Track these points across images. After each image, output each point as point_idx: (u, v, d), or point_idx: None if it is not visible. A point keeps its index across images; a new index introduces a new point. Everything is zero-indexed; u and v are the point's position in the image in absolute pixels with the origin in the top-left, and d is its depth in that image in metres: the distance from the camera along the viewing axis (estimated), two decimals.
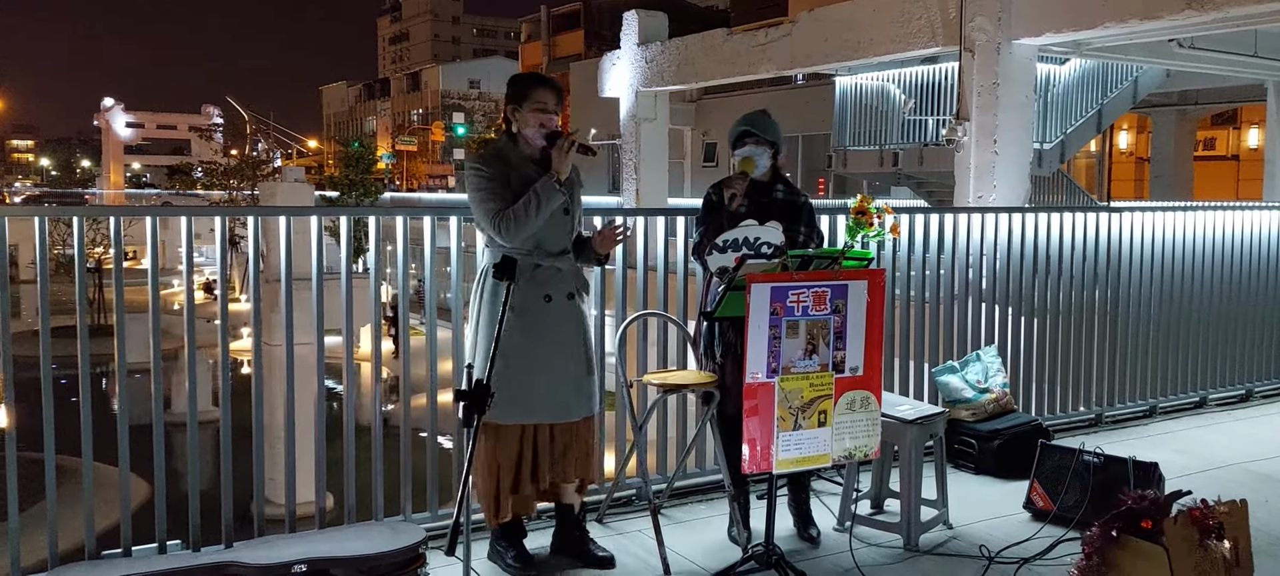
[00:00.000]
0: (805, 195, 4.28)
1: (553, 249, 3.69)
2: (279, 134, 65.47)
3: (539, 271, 3.66)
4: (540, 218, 3.56)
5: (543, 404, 3.65)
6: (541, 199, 3.54)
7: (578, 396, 3.73)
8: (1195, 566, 2.73)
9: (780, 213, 4.09)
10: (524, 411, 3.63)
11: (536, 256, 3.65)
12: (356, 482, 4.11)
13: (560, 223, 3.70)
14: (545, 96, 3.66)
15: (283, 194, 20.68)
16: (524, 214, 3.54)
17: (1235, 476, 5.24)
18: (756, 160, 4.08)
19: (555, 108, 3.67)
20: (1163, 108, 22.39)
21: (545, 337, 3.65)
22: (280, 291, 4.03)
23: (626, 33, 18.28)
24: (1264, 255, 7.05)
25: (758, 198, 4.07)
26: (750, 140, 4.12)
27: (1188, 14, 10.65)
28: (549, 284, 3.67)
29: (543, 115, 3.64)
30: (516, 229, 3.55)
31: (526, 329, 3.63)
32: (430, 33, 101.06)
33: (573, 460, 3.77)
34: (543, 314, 3.65)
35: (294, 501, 4.10)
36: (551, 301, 3.67)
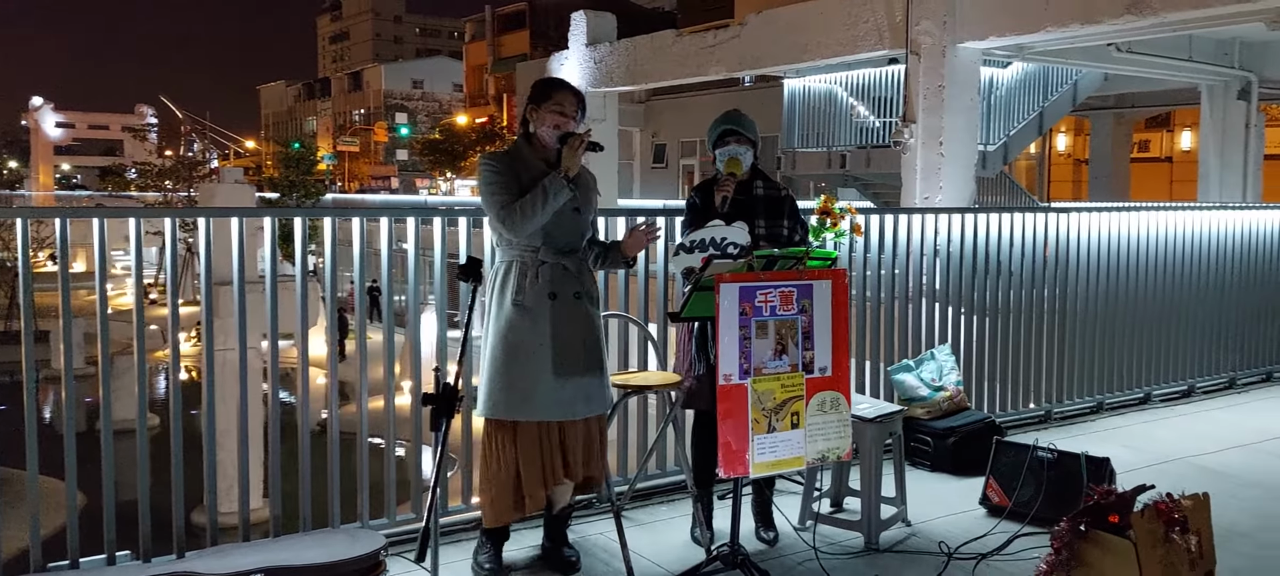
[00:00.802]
0: (787, 189, 4.28)
1: (560, 247, 3.67)
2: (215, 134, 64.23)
3: (545, 269, 3.64)
4: (546, 212, 3.54)
5: (554, 402, 3.63)
6: (548, 193, 3.53)
7: (586, 396, 3.70)
8: (1161, 559, 2.78)
9: (761, 210, 4.10)
10: (535, 409, 3.61)
11: (544, 254, 3.63)
12: (312, 489, 4.03)
13: (570, 222, 3.68)
14: (565, 99, 3.68)
15: (222, 195, 20.27)
16: (530, 208, 3.53)
17: (1181, 470, 5.35)
18: (742, 159, 4.07)
19: (573, 113, 3.68)
20: (1100, 110, 22.90)
21: (552, 336, 3.62)
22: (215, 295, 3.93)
23: (575, 33, 18.24)
24: (1203, 254, 7.23)
25: (738, 196, 4.06)
26: (733, 139, 4.11)
27: (1126, 18, 10.89)
28: (555, 282, 3.65)
29: (560, 116, 3.65)
30: (522, 223, 3.54)
31: (536, 328, 3.61)
32: (371, 32, 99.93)
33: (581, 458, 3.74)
34: (548, 313, 3.63)
35: (248, 508, 4.01)
36: (557, 299, 3.64)
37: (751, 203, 4.13)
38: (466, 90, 64.43)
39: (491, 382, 3.60)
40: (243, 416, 3.99)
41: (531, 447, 3.63)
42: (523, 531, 4.21)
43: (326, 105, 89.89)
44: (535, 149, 3.69)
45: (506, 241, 3.66)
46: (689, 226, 4.10)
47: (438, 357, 3.65)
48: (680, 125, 30.15)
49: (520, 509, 3.67)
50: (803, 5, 14.18)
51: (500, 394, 3.59)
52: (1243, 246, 7.49)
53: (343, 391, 12.72)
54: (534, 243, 3.62)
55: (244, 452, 3.98)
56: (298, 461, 4.06)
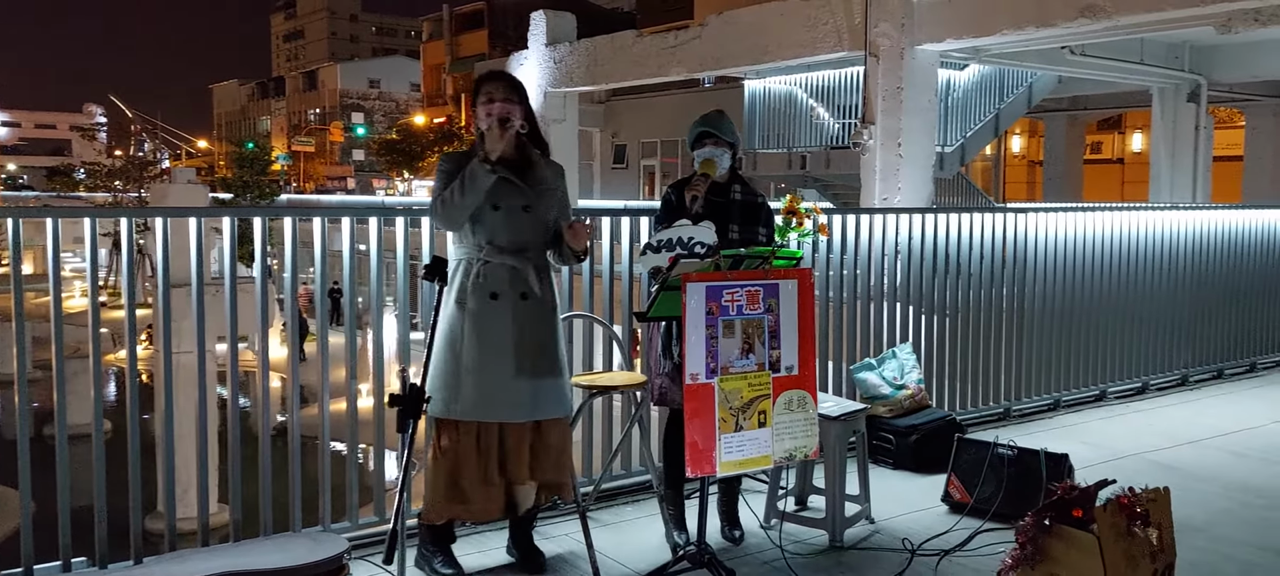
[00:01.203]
0: (762, 195, 4.28)
1: (503, 246, 3.61)
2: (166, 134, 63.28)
3: (487, 268, 3.59)
4: (467, 200, 3.49)
5: (487, 403, 3.58)
6: (467, 180, 3.49)
7: (532, 399, 3.63)
8: (1124, 553, 2.83)
9: (738, 214, 4.10)
10: (469, 408, 3.57)
11: (486, 253, 3.59)
12: (273, 493, 3.98)
13: (518, 220, 3.63)
14: (493, 88, 3.64)
15: (175, 196, 19.94)
16: (450, 198, 3.50)
17: (1136, 466, 5.44)
18: (718, 161, 4.07)
19: (502, 95, 3.62)
20: (1055, 112, 23.27)
21: (490, 337, 3.58)
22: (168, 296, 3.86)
23: (534, 33, 18.19)
24: (1156, 254, 7.36)
25: (715, 198, 4.06)
26: (710, 141, 4.10)
27: (1080, 22, 11.08)
28: (497, 282, 3.59)
29: (487, 105, 3.60)
30: (445, 212, 3.51)
31: (474, 327, 3.57)
32: (327, 30, 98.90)
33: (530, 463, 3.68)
34: (489, 313, 3.58)
35: (207, 513, 3.95)
36: (498, 299, 3.59)
37: (727, 206, 4.13)
38: (424, 90, 64.00)
39: (432, 381, 3.55)
40: (201, 420, 3.92)
41: (468, 448, 3.58)
42: (487, 534, 4.19)
43: (281, 105, 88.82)
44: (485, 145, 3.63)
45: (457, 240, 3.64)
46: (662, 223, 4.09)
47: (402, 359, 3.60)
48: (641, 125, 30.18)
49: (454, 510, 3.63)
50: (763, 7, 14.26)
51: (438, 392, 3.55)
52: (1194, 246, 7.64)
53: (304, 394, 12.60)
54: (479, 240, 3.58)
55: (203, 456, 3.92)
56: (257, 465, 4.00)
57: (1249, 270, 8.12)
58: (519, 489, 3.72)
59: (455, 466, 3.60)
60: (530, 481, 3.72)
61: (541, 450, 3.71)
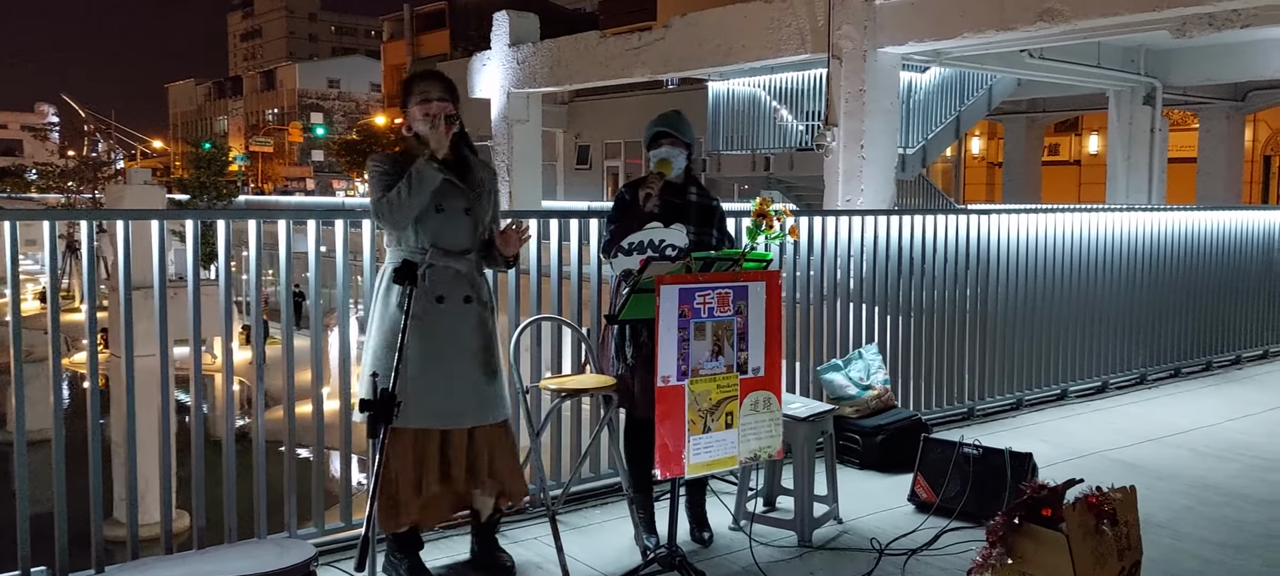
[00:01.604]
0: (717, 199, 4.29)
1: (449, 248, 3.58)
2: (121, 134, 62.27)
3: (433, 272, 3.55)
4: (414, 200, 3.45)
5: (434, 409, 3.54)
6: (415, 178, 3.43)
7: (476, 402, 3.61)
8: (1092, 551, 2.87)
9: (694, 215, 4.09)
10: (413, 415, 3.50)
11: (432, 256, 3.55)
12: (237, 499, 3.92)
13: (459, 222, 3.60)
14: (428, 87, 3.59)
15: (130, 197, 19.64)
16: (396, 199, 3.44)
17: (1097, 464, 5.52)
18: (673, 161, 4.06)
19: (440, 95, 3.57)
20: (1014, 115, 23.57)
21: (437, 341, 3.54)
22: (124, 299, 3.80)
23: (497, 33, 18.10)
24: (1114, 255, 7.47)
25: (671, 199, 4.05)
26: (666, 141, 4.10)
27: (1039, 26, 11.22)
28: (443, 286, 3.56)
29: (424, 104, 3.56)
30: (392, 213, 3.45)
31: (419, 331, 3.51)
32: (285, 29, 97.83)
33: (484, 469, 3.65)
34: (435, 316, 3.54)
35: (170, 520, 3.89)
36: (444, 303, 3.56)
37: (684, 207, 4.13)
38: (385, 90, 63.48)
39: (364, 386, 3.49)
40: (165, 424, 3.86)
41: (405, 455, 3.54)
42: (453, 539, 4.16)
43: (238, 104, 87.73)
44: (421, 144, 3.58)
45: (394, 242, 3.58)
46: (613, 222, 4.09)
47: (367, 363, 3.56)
48: (604, 126, 30.17)
49: (397, 518, 3.57)
50: (726, 9, 14.30)
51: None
52: (1151, 248, 7.76)
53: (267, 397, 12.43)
54: (421, 243, 3.54)
55: (166, 461, 3.85)
56: (220, 470, 3.95)
57: (1204, 271, 8.27)
58: (475, 495, 3.68)
59: (393, 474, 3.54)
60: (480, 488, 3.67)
61: (487, 456, 3.66)
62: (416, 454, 3.57)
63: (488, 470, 3.68)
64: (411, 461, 3.57)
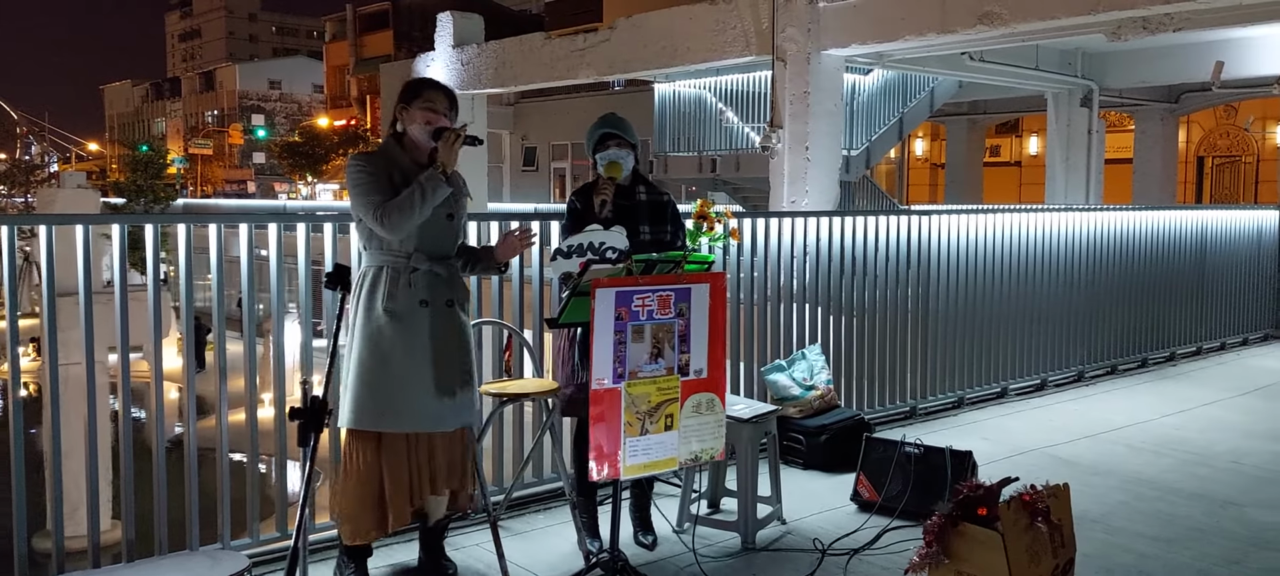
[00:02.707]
0: (667, 194, 4.27)
1: (433, 253, 3.56)
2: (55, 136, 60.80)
3: (417, 276, 3.52)
4: (424, 210, 3.43)
5: (423, 412, 3.52)
6: (426, 190, 3.42)
7: (454, 406, 3.59)
8: (1026, 548, 2.90)
9: (647, 214, 4.07)
10: (404, 420, 3.49)
11: (416, 260, 3.52)
12: (169, 510, 3.82)
13: (442, 227, 3.58)
14: (436, 97, 3.58)
15: (63, 201, 19.13)
16: (408, 205, 3.40)
17: (1036, 461, 5.60)
18: (623, 163, 4.04)
19: (445, 110, 3.57)
20: (955, 117, 23.90)
21: (422, 345, 3.51)
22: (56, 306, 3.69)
23: (441, 34, 17.96)
24: (1052, 255, 7.59)
25: (620, 200, 4.03)
26: (613, 143, 4.07)
27: (979, 29, 11.38)
28: (427, 289, 3.54)
29: (431, 113, 3.54)
30: (399, 221, 3.41)
31: (403, 335, 3.49)
32: (225, 30, 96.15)
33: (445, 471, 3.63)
34: (420, 320, 3.52)
35: (97, 532, 3.77)
36: (428, 307, 3.53)
37: (634, 208, 4.11)
38: (327, 91, 62.68)
39: (358, 392, 3.47)
40: (91, 433, 3.74)
41: (398, 460, 3.51)
42: (397, 546, 4.09)
43: (177, 106, 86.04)
44: (406, 149, 3.58)
45: (376, 246, 3.54)
46: (568, 231, 4.05)
47: (304, 370, 3.49)
48: (551, 128, 30.07)
49: (383, 526, 3.54)
50: (671, 11, 14.31)
51: (368, 404, 3.46)
52: (1087, 247, 7.90)
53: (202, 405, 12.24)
54: (407, 247, 3.51)
55: (93, 471, 3.74)
56: (151, 480, 3.84)
57: (1140, 270, 8.44)
58: (430, 499, 3.65)
59: (381, 480, 3.51)
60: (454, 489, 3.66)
61: (452, 459, 3.65)
62: (410, 458, 3.54)
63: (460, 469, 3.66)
64: (405, 465, 3.53)
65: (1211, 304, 9.31)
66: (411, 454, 3.54)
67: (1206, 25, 12.49)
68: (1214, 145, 25.72)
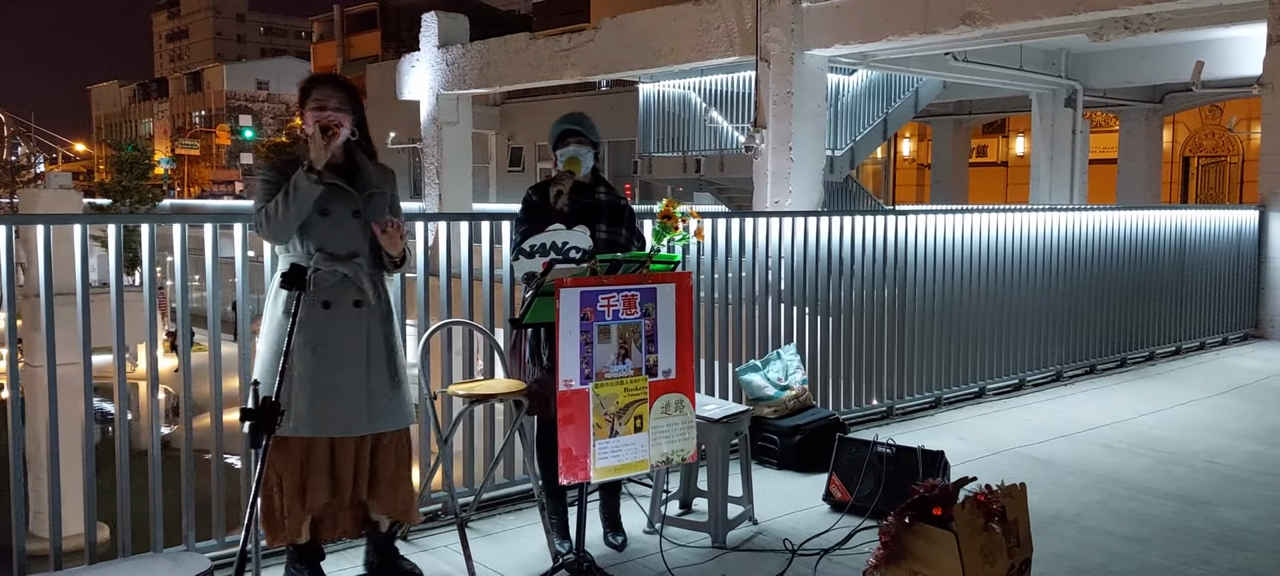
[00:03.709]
0: (625, 199, 4.27)
1: (336, 253, 3.47)
2: (41, 137, 60.53)
3: (319, 276, 3.44)
4: (293, 212, 3.35)
5: (323, 417, 3.43)
6: (291, 193, 3.34)
7: (368, 410, 3.50)
8: (981, 548, 2.89)
9: (604, 215, 4.06)
10: (301, 424, 3.41)
11: (318, 261, 3.44)
12: (134, 511, 3.79)
13: (349, 226, 3.50)
14: (325, 94, 3.49)
15: (46, 202, 19.04)
16: (275, 211, 3.35)
17: (1012, 460, 5.59)
18: (582, 160, 4.03)
19: (337, 104, 3.48)
20: (941, 117, 23.95)
21: (323, 347, 3.43)
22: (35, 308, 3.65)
23: (426, 34, 17.92)
24: (1032, 254, 7.60)
25: (580, 199, 4.02)
26: (574, 139, 4.06)
27: (961, 29, 11.40)
28: (329, 291, 3.45)
29: (318, 111, 3.45)
30: (270, 225, 3.36)
31: (306, 338, 3.41)
32: (212, 30, 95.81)
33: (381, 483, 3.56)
34: (321, 322, 3.44)
35: (60, 535, 3.73)
36: (331, 308, 3.45)
37: (594, 207, 4.10)
38: None
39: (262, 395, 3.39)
40: (52, 436, 3.70)
41: (291, 465, 3.44)
42: (359, 550, 4.06)
43: (164, 106, 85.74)
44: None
45: (286, 247, 3.48)
46: (523, 223, 4.03)
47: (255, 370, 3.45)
48: (537, 128, 30.01)
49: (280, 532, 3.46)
50: (655, 11, 14.31)
51: None
52: (1066, 247, 7.91)
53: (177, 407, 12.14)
54: (307, 248, 3.45)
55: (55, 474, 3.70)
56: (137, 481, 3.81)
57: (1119, 269, 8.45)
58: (371, 506, 3.59)
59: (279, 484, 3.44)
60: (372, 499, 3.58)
61: (377, 469, 3.56)
62: (303, 464, 3.46)
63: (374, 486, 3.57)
64: (297, 471, 3.45)
65: (1191, 304, 9.33)
66: (306, 459, 3.45)
67: (1188, 26, 12.54)
68: (1200, 146, 25.83)
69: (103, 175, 46.61)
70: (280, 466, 3.43)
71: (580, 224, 3.82)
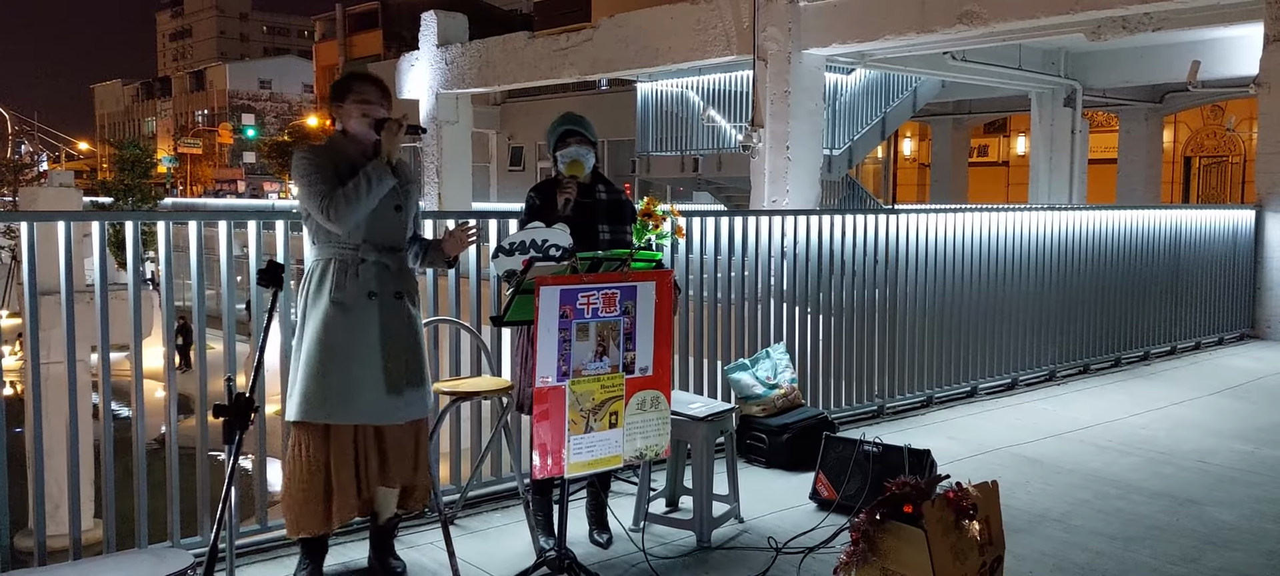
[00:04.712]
0: (625, 194, 4.28)
1: (381, 245, 3.56)
2: (45, 135, 60.63)
3: (365, 267, 3.52)
4: (370, 200, 3.44)
5: (372, 404, 3.51)
6: (372, 179, 3.43)
7: (402, 399, 3.58)
8: (951, 546, 2.89)
9: (607, 213, 4.08)
10: (352, 411, 3.49)
11: (364, 252, 3.52)
12: (124, 508, 3.81)
13: (391, 219, 3.58)
14: (366, 89, 3.59)
15: (46, 200, 19.08)
16: (354, 194, 3.42)
17: (1001, 459, 5.59)
18: (584, 161, 4.05)
19: (379, 99, 3.58)
20: (940, 116, 23.92)
21: (369, 336, 3.51)
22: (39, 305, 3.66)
23: (425, 34, 17.94)
24: (1025, 253, 7.59)
25: (580, 199, 4.04)
26: (574, 140, 4.08)
27: (958, 28, 11.39)
28: (375, 281, 3.54)
29: (365, 105, 3.55)
30: (346, 211, 3.42)
31: (351, 327, 3.48)
32: (215, 29, 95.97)
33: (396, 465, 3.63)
34: (368, 311, 3.51)
35: (44, 532, 3.75)
36: (376, 299, 3.53)
37: (594, 206, 4.11)
38: (317, 91, 62.42)
39: (307, 384, 3.46)
40: (37, 435, 3.71)
41: (345, 452, 3.51)
42: (348, 544, 4.07)
43: (167, 106, 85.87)
44: (351, 143, 3.58)
45: (324, 239, 3.54)
46: (526, 226, 4.04)
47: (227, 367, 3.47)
48: (537, 128, 30.01)
49: (328, 520, 3.53)
50: (653, 10, 14.32)
51: (316, 395, 3.45)
52: (1060, 246, 7.90)
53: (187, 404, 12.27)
54: (354, 239, 3.51)
55: (40, 469, 3.71)
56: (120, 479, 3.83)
57: (1113, 269, 8.44)
58: (379, 494, 3.63)
59: (328, 473, 3.50)
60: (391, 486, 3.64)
61: (402, 453, 3.64)
62: (357, 449, 3.54)
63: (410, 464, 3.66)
64: (351, 457, 3.52)
65: (1186, 303, 9.32)
66: (358, 446, 3.54)
67: (1186, 25, 12.53)
68: (1201, 145, 25.80)
69: (105, 174, 46.66)
70: (327, 454, 3.49)
71: (583, 225, 3.84)
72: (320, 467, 3.50)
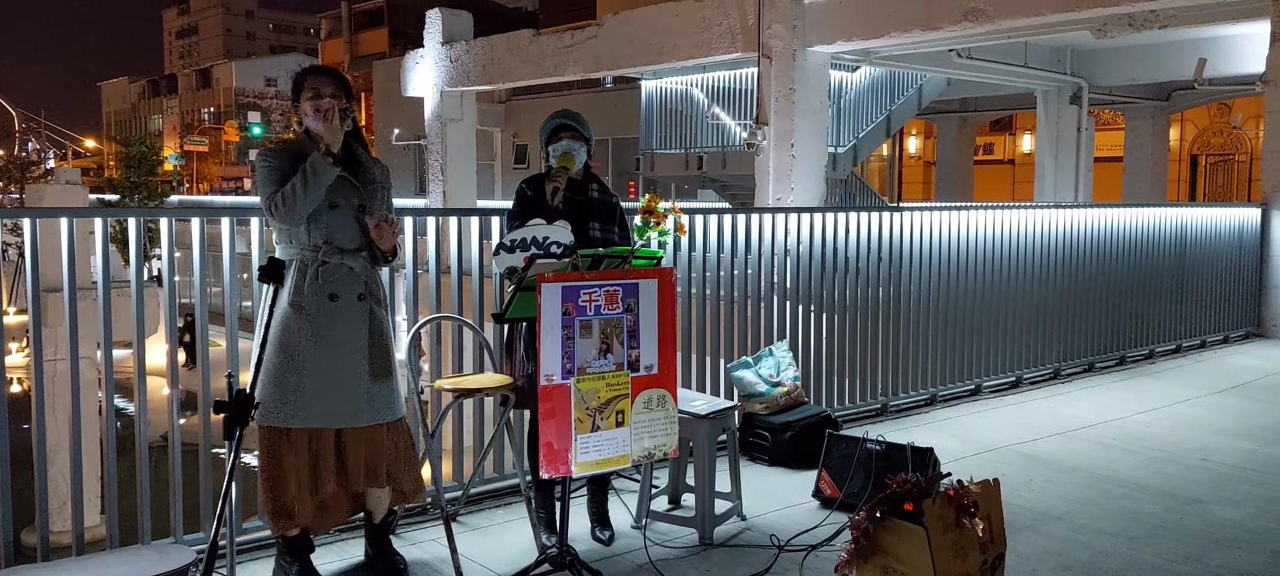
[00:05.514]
0: (616, 196, 4.29)
1: (342, 246, 3.52)
2: (52, 133, 60.82)
3: (325, 269, 3.48)
4: (312, 194, 3.38)
5: (330, 408, 3.48)
6: (310, 173, 3.38)
7: (369, 401, 3.55)
8: (952, 544, 2.88)
9: (597, 212, 4.07)
10: (308, 415, 3.46)
11: (325, 254, 3.49)
12: (127, 504, 3.81)
13: (351, 220, 3.54)
14: (319, 83, 3.53)
15: (52, 197, 19.11)
16: (292, 193, 3.37)
17: (1005, 458, 5.58)
18: (576, 155, 4.04)
19: (332, 92, 3.51)
20: (946, 114, 23.87)
21: (330, 339, 3.48)
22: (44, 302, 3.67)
23: (430, 31, 17.94)
24: (1031, 251, 7.57)
25: (573, 195, 4.03)
26: (567, 135, 4.07)
27: (964, 26, 11.36)
28: (336, 283, 3.50)
29: (314, 99, 3.49)
30: (287, 209, 3.38)
31: (312, 330, 3.46)
32: (222, 27, 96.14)
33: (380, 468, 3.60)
34: (329, 314, 3.48)
35: (46, 527, 3.76)
36: (337, 301, 3.50)
37: (587, 204, 4.10)
38: None
39: (266, 388, 3.43)
40: (40, 431, 3.72)
41: (300, 455, 3.48)
42: (348, 542, 4.08)
43: (173, 103, 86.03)
44: (311, 141, 3.52)
45: (286, 240, 3.51)
46: (516, 217, 4.04)
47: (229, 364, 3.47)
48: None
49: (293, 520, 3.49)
50: (658, 7, 14.31)
51: (273, 398, 3.43)
52: (1065, 245, 7.88)
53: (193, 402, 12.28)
54: (315, 240, 3.48)
55: (43, 467, 3.72)
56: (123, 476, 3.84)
57: (1118, 267, 8.42)
58: (369, 495, 3.62)
59: (287, 476, 3.48)
60: (378, 486, 3.63)
61: (382, 454, 3.60)
62: (312, 454, 3.51)
63: (385, 469, 3.62)
64: (307, 462, 3.50)
65: (1192, 302, 9.29)
66: (315, 449, 3.50)
67: (1192, 23, 12.49)
68: (1208, 143, 25.73)
69: (112, 171, 46.78)
70: (291, 457, 3.47)
71: (576, 222, 3.83)
72: (280, 470, 3.47)
